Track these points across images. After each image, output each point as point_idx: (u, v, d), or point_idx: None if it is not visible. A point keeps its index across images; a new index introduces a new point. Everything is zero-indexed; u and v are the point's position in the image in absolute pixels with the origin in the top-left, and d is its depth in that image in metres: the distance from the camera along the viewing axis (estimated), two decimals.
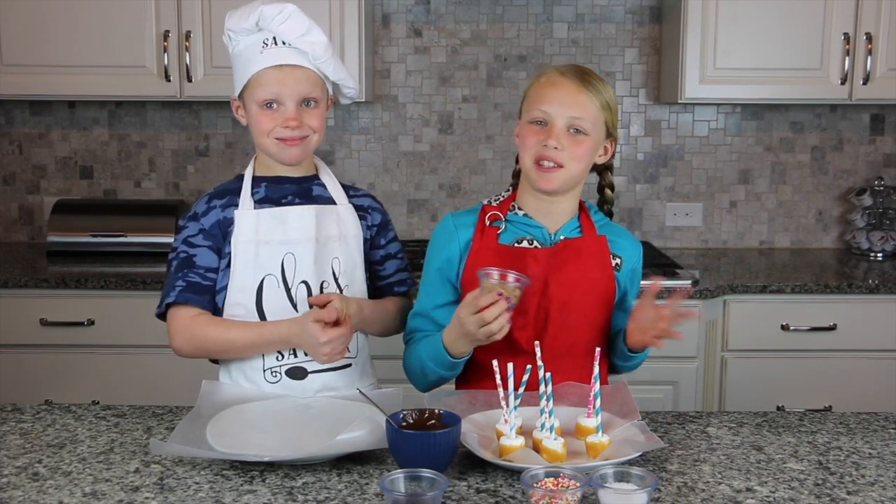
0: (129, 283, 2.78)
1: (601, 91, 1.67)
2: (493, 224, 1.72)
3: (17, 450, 1.49)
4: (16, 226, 3.42)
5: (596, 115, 1.65)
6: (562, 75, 1.67)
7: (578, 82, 1.65)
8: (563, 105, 1.64)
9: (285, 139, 1.70)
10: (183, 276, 1.70)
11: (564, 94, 1.65)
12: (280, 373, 1.71)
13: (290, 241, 1.71)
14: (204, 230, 1.72)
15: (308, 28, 1.69)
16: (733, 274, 2.99)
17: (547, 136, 1.63)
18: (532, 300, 1.66)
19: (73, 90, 3.01)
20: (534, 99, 1.68)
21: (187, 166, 3.38)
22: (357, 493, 1.33)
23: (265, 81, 1.68)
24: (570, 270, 1.68)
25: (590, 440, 1.44)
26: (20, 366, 2.81)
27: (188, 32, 2.95)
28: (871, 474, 1.42)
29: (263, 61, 1.68)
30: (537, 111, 1.66)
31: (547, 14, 3.31)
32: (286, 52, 1.68)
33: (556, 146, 1.63)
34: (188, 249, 1.72)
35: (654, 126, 3.38)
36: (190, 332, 1.69)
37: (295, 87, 1.69)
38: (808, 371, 2.85)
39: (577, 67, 1.69)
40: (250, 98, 1.71)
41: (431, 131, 3.37)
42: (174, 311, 1.70)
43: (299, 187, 1.77)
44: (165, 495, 1.32)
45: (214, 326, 1.69)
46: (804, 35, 2.97)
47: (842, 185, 3.41)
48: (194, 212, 1.74)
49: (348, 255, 1.77)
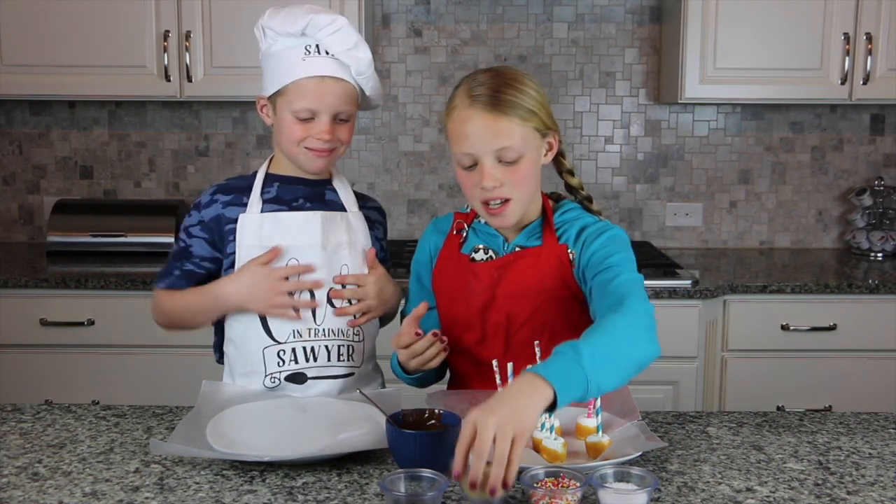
0: (129, 283, 2.78)
1: (519, 104, 1.52)
2: (458, 232, 1.71)
3: (17, 450, 1.49)
4: (16, 226, 3.42)
5: (523, 133, 1.53)
6: (472, 106, 1.53)
7: (491, 110, 1.51)
8: (484, 141, 1.52)
9: (315, 150, 1.68)
10: (180, 265, 1.75)
11: (481, 128, 1.51)
12: (280, 378, 1.70)
13: (294, 246, 1.69)
14: (203, 222, 1.73)
15: (356, 43, 1.67)
16: (733, 274, 2.99)
17: (480, 177, 1.53)
18: (476, 317, 1.63)
19: (73, 90, 3.01)
20: (454, 138, 1.56)
21: (187, 166, 3.38)
22: (357, 493, 1.33)
23: (304, 92, 1.65)
24: (518, 282, 1.60)
25: (590, 440, 1.44)
26: (20, 366, 2.81)
27: (188, 32, 2.95)
28: (871, 474, 1.42)
29: (305, 70, 1.65)
30: (462, 155, 1.54)
31: (547, 14, 3.31)
32: (329, 64, 1.66)
33: (494, 184, 1.53)
34: (186, 239, 1.75)
35: (654, 126, 3.38)
36: (157, 307, 1.77)
37: (333, 101, 1.66)
38: (808, 371, 2.85)
39: (487, 86, 1.53)
40: (284, 104, 1.67)
41: (431, 131, 3.37)
42: (158, 292, 1.77)
43: (312, 190, 1.76)
44: (165, 495, 1.32)
45: (170, 297, 1.75)
46: (804, 35, 2.97)
47: (842, 185, 3.41)
48: (199, 201, 1.75)
49: (356, 263, 1.75)
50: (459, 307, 1.65)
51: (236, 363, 1.74)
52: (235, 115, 3.35)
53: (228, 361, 1.76)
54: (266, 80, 1.71)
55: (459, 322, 1.65)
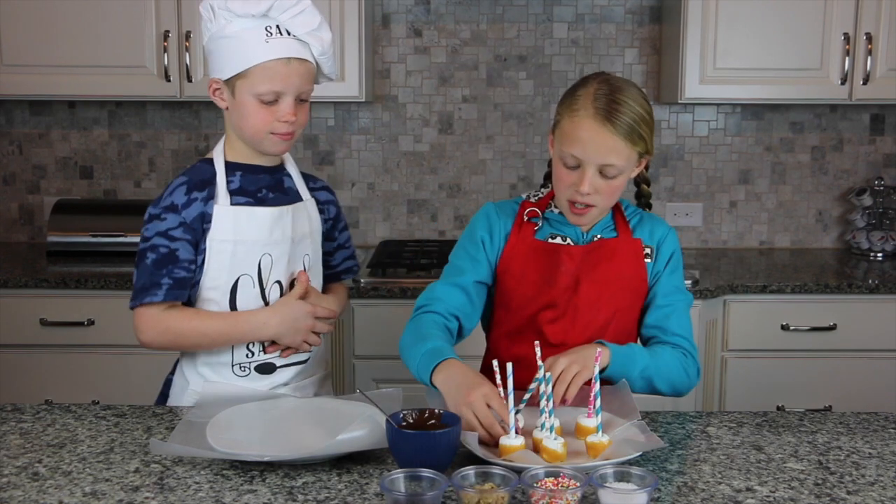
0: (129, 283, 2.76)
1: (643, 134, 1.63)
2: (531, 220, 1.76)
3: (17, 450, 1.49)
4: (16, 226, 3.42)
5: (629, 155, 1.63)
6: (602, 123, 1.59)
7: (619, 133, 1.59)
8: (597, 155, 1.61)
9: (280, 134, 1.67)
10: (168, 272, 1.66)
11: (600, 144, 1.60)
12: (249, 368, 1.73)
13: (268, 241, 1.70)
14: (185, 223, 1.67)
15: (320, 23, 1.67)
16: (733, 274, 2.99)
17: (579, 180, 1.62)
18: (563, 296, 1.70)
19: (73, 90, 3.01)
20: (567, 135, 1.63)
21: (187, 166, 3.38)
22: (357, 493, 1.33)
23: (271, 75, 1.62)
24: (602, 269, 1.71)
25: (590, 440, 1.44)
26: (20, 366, 2.81)
27: (188, 32, 2.95)
28: (871, 474, 1.42)
29: (270, 52, 1.62)
30: (569, 155, 1.63)
31: (547, 14, 3.31)
32: (293, 45, 1.64)
33: (590, 192, 1.63)
34: (169, 244, 1.66)
35: (655, 126, 3.37)
36: (163, 326, 1.67)
37: (298, 82, 1.65)
38: (808, 371, 2.85)
39: (625, 114, 1.60)
40: (246, 86, 1.64)
41: (431, 131, 3.37)
42: (139, 313, 1.68)
43: (272, 178, 1.76)
44: (165, 495, 1.32)
45: (188, 319, 1.67)
46: (804, 35, 2.97)
47: (842, 185, 3.41)
48: (172, 202, 1.67)
49: (315, 251, 1.80)
50: (541, 288, 1.72)
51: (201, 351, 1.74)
52: None
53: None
54: (220, 62, 1.66)
55: (538, 301, 1.71)
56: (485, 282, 1.76)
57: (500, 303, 1.78)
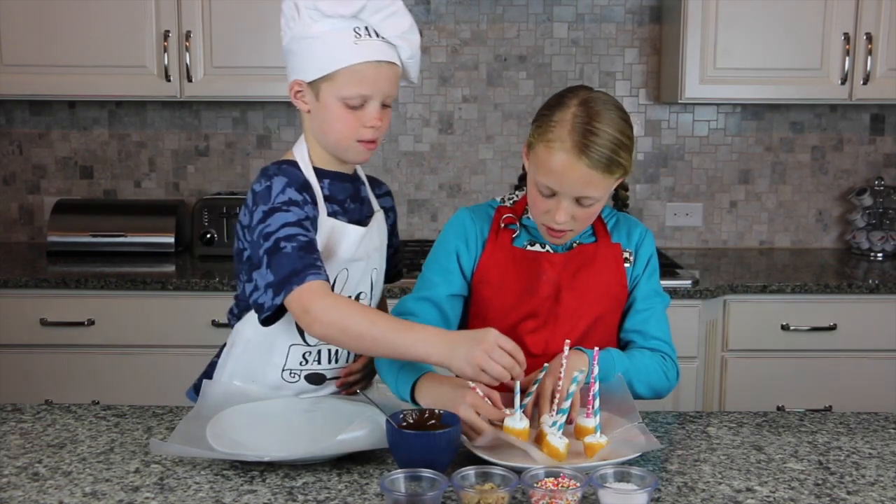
0: (129, 283, 2.78)
1: (622, 164, 1.52)
2: (509, 227, 1.71)
3: (17, 450, 1.49)
4: (16, 226, 3.42)
5: (607, 184, 1.55)
6: (577, 157, 1.49)
7: (597, 168, 1.50)
8: (573, 189, 1.53)
9: (365, 141, 1.58)
10: (317, 257, 1.50)
11: (577, 179, 1.51)
12: (300, 375, 1.68)
13: (350, 259, 1.64)
14: (309, 217, 1.55)
15: (410, 25, 1.58)
16: (733, 274, 2.99)
17: (555, 209, 1.55)
18: (544, 305, 1.67)
19: (73, 90, 3.01)
20: (542, 164, 1.53)
21: (187, 166, 3.38)
22: (357, 493, 1.33)
23: (360, 78, 1.53)
24: (583, 277, 1.67)
25: (587, 440, 1.43)
26: (20, 366, 2.81)
27: (188, 32, 2.95)
28: (871, 474, 1.42)
29: (360, 54, 1.53)
30: (543, 185, 1.55)
31: (547, 14, 3.31)
32: (382, 48, 1.55)
33: (565, 221, 1.56)
34: (306, 233, 1.51)
35: (655, 126, 3.38)
36: (339, 317, 1.45)
37: (386, 86, 1.56)
38: (808, 371, 2.85)
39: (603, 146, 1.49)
40: (331, 89, 1.54)
41: (431, 131, 3.37)
42: (307, 288, 1.46)
43: (353, 186, 1.69)
44: (165, 495, 1.32)
45: (366, 315, 1.46)
46: (804, 35, 2.97)
47: (842, 185, 3.41)
48: (290, 198, 1.54)
49: (381, 264, 1.75)
50: (521, 297, 1.67)
51: (251, 347, 1.67)
52: (235, 115, 3.35)
53: (241, 340, 1.67)
54: (304, 63, 1.56)
55: (519, 311, 1.67)
56: (460, 294, 1.70)
57: (476, 313, 1.72)
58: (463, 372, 1.41)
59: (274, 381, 1.68)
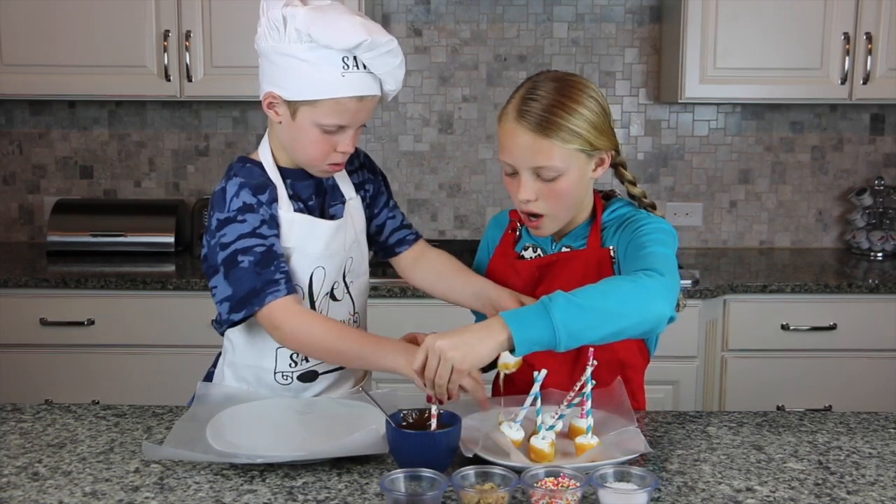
0: (129, 283, 2.78)
1: (563, 126, 1.50)
2: (513, 231, 1.75)
3: (17, 450, 1.49)
4: (16, 226, 3.42)
5: (563, 154, 1.51)
6: (517, 121, 1.51)
7: (534, 129, 1.49)
8: (524, 158, 1.52)
9: (333, 164, 1.60)
10: (276, 267, 1.53)
11: (522, 146, 1.51)
12: (292, 377, 1.68)
13: (323, 255, 1.64)
14: (265, 220, 1.56)
15: (400, 62, 1.60)
16: (733, 274, 2.99)
17: (518, 187, 1.54)
18: None
19: (73, 90, 3.01)
20: (500, 144, 1.57)
21: (187, 166, 3.38)
22: (357, 493, 1.33)
23: (343, 110, 1.54)
24: (558, 282, 1.59)
25: (578, 441, 1.44)
26: (20, 366, 2.81)
27: (188, 32, 2.94)
28: (871, 474, 1.42)
29: (346, 88, 1.53)
30: (504, 163, 1.56)
31: (547, 14, 3.31)
32: (368, 82, 1.56)
33: (529, 198, 1.54)
34: (262, 241, 1.54)
35: (654, 126, 3.38)
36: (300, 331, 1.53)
37: (365, 116, 1.59)
38: (808, 371, 2.85)
39: (540, 103, 1.50)
40: (311, 114, 1.54)
41: (431, 131, 3.37)
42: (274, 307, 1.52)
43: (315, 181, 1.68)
44: (165, 495, 1.32)
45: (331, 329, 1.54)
46: (804, 35, 2.97)
47: (842, 185, 3.41)
48: (244, 203, 1.55)
49: (359, 251, 1.74)
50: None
51: (242, 353, 1.68)
52: (235, 115, 3.35)
53: (232, 346, 1.69)
54: (284, 81, 1.54)
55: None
56: None
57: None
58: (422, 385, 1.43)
59: (269, 384, 1.69)
